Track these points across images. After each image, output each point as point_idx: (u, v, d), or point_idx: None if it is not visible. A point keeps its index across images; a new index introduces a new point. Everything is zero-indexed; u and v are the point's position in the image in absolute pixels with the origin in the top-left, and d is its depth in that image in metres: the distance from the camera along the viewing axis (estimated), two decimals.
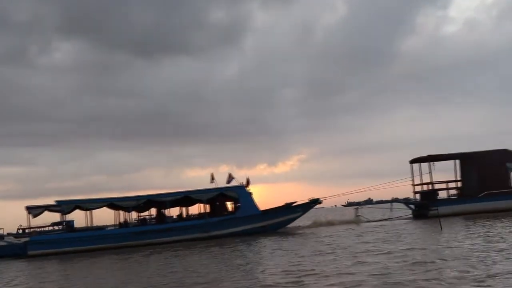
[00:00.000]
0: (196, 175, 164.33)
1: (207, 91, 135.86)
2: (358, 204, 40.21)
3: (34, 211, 23.98)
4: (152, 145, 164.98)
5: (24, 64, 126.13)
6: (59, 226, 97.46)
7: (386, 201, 34.31)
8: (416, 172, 26.06)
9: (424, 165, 26.27)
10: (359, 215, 26.36)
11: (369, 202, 70.30)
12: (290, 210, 24.48)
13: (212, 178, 24.79)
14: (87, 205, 23.32)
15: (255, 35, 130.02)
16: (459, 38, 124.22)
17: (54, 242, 22.49)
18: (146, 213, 27.11)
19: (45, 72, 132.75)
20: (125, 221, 25.34)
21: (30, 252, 21.90)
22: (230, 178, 24.27)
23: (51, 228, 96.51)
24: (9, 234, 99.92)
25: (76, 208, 23.47)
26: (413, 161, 26.72)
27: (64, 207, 23.01)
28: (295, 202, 25.52)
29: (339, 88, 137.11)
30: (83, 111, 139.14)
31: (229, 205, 26.07)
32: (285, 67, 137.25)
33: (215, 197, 24.08)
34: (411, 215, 26.38)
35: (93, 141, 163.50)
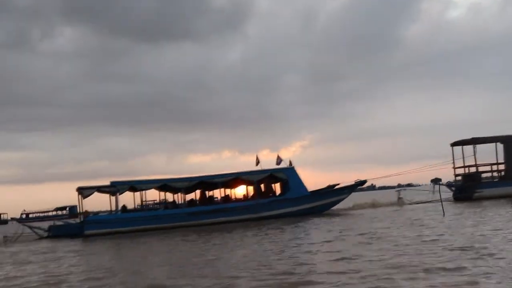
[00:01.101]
0: (199, 161, 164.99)
1: (209, 77, 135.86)
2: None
3: (86, 192, 24.70)
4: (154, 131, 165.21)
5: (26, 49, 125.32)
6: (63, 211, 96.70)
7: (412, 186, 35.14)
8: (457, 156, 26.89)
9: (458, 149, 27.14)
10: (401, 197, 27.28)
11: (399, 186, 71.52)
12: (338, 192, 25.35)
13: (258, 161, 25.59)
14: (141, 185, 24.19)
15: (258, 21, 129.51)
16: (463, 23, 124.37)
17: (110, 222, 23.30)
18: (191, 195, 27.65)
19: (47, 58, 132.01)
20: (173, 202, 26.14)
21: (87, 232, 22.68)
22: (279, 159, 25.06)
23: (54, 213, 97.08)
24: (12, 219, 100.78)
25: (131, 189, 24.24)
26: (454, 144, 27.62)
27: (119, 187, 23.81)
28: (338, 184, 26.34)
29: (342, 75, 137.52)
30: (85, 97, 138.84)
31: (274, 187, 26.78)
32: (288, 53, 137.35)
33: (264, 178, 24.85)
34: (451, 198, 27.28)
35: (95, 126, 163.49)
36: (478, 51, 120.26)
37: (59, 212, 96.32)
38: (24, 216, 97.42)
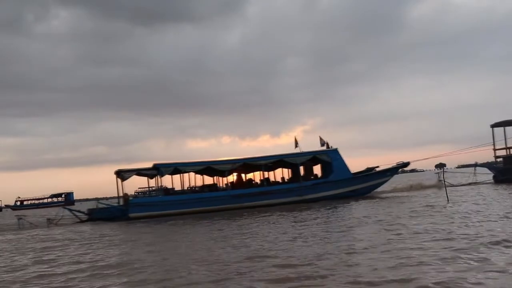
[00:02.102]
0: (198, 146, 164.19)
1: (209, 60, 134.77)
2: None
3: (126, 174, 24.77)
4: (153, 116, 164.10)
5: (20, 32, 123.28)
6: (58, 198, 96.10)
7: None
8: (498, 137, 27.07)
9: (499, 130, 27.30)
10: (441, 180, 27.44)
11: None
12: (380, 174, 25.53)
13: (296, 143, 25.68)
14: (185, 168, 24.34)
15: (259, 3, 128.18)
16: (469, 4, 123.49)
17: (154, 205, 23.43)
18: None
19: (42, 40, 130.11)
20: (214, 185, 26.23)
21: (131, 215, 22.80)
22: (323, 141, 25.15)
23: (50, 200, 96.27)
24: (7, 206, 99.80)
25: (175, 172, 24.34)
26: (495, 125, 27.77)
27: (162, 170, 23.86)
28: (377, 167, 26.50)
29: (344, 57, 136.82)
30: (82, 81, 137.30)
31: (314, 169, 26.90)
32: (289, 35, 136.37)
33: (307, 160, 24.99)
34: (491, 180, 27.55)
35: (92, 111, 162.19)
36: (485, 32, 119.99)
37: (55, 199, 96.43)
38: (18, 203, 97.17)
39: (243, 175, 27.53)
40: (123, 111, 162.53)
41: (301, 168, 26.01)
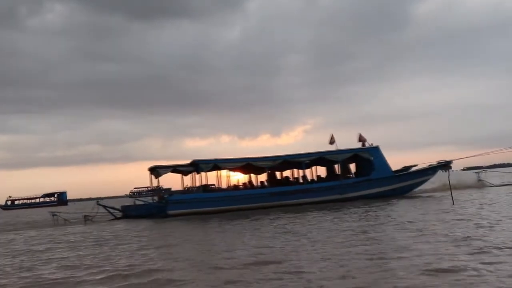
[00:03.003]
0: (196, 145, 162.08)
1: (208, 57, 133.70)
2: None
3: (162, 171, 24.57)
4: (150, 114, 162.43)
5: (13, 26, 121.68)
6: (51, 198, 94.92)
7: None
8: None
9: None
10: (481, 180, 27.35)
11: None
12: (422, 173, 25.37)
13: (333, 140, 25.49)
14: (225, 164, 24.14)
15: None
16: (475, 1, 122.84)
17: (193, 202, 23.21)
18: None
19: (35, 35, 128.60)
20: (250, 183, 26.02)
21: (170, 212, 22.58)
22: (362, 139, 24.98)
23: (42, 199, 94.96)
24: None
25: (214, 168, 24.13)
26: None
27: (202, 166, 23.67)
28: (415, 165, 26.33)
29: (347, 55, 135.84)
30: (77, 77, 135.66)
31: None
32: (290, 32, 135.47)
33: (348, 158, 24.82)
34: None
35: (88, 108, 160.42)
36: (491, 30, 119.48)
37: (47, 199, 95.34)
38: (9, 202, 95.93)
39: (276, 173, 27.22)
40: (119, 108, 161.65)
41: (337, 166, 25.87)
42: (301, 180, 25.76)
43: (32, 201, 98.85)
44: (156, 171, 24.71)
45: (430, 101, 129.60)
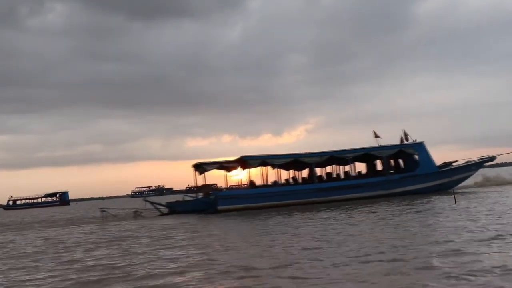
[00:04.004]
0: (197, 145, 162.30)
1: (209, 57, 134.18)
2: None
3: (208, 167, 25.06)
4: (150, 114, 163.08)
5: (13, 26, 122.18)
6: (53, 198, 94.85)
7: None
8: None
9: None
10: None
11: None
12: (466, 168, 25.87)
13: (376, 135, 25.92)
14: (273, 160, 24.66)
15: None
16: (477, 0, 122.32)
17: (242, 198, 23.70)
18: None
19: (36, 35, 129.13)
20: (294, 178, 26.53)
21: (220, 207, 23.06)
22: (407, 135, 25.49)
23: (44, 199, 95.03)
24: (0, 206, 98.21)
25: (262, 164, 24.64)
26: None
27: (251, 162, 24.21)
28: (455, 161, 26.83)
29: (348, 55, 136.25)
30: (77, 77, 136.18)
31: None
32: (291, 31, 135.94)
33: (393, 154, 25.28)
34: None
35: (87, 108, 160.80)
36: (493, 29, 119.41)
37: (49, 199, 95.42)
38: (11, 202, 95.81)
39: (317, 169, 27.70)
40: (120, 108, 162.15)
41: (378, 162, 26.39)
42: (342, 176, 26.30)
43: (34, 201, 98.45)
44: (201, 167, 25.26)
45: (433, 100, 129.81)
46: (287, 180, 26.52)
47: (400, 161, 26.75)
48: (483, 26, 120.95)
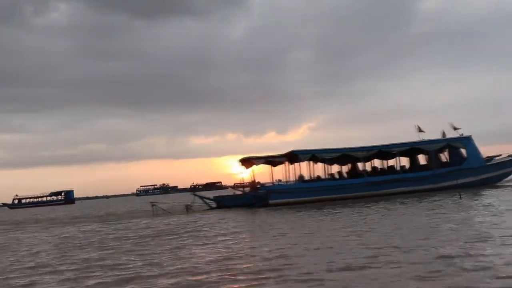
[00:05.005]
0: (201, 143, 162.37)
1: (212, 54, 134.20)
2: None
3: (256, 161, 25.45)
4: (154, 112, 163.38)
5: (19, 24, 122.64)
6: (58, 196, 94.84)
7: None
8: None
9: None
10: None
11: None
12: None
13: (419, 129, 26.24)
14: (323, 155, 25.15)
15: None
16: None
17: (293, 192, 24.14)
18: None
19: (40, 34, 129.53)
20: (339, 173, 26.88)
21: (271, 201, 23.53)
22: (455, 129, 25.81)
23: (49, 198, 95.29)
24: (4, 204, 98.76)
25: (312, 159, 25.05)
26: None
27: (301, 156, 24.68)
28: (499, 155, 27.21)
29: (353, 51, 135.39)
30: (80, 75, 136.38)
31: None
32: (295, 28, 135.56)
33: (441, 148, 25.63)
34: None
35: (90, 107, 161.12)
36: (499, 24, 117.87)
37: (54, 198, 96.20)
38: (16, 201, 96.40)
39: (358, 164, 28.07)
40: (123, 107, 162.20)
41: (419, 156, 26.89)
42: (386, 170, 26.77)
43: (39, 199, 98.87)
44: (249, 162, 25.71)
45: (437, 97, 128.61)
46: (332, 174, 26.90)
47: (442, 155, 27.09)
48: (489, 20, 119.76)
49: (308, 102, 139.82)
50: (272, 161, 26.19)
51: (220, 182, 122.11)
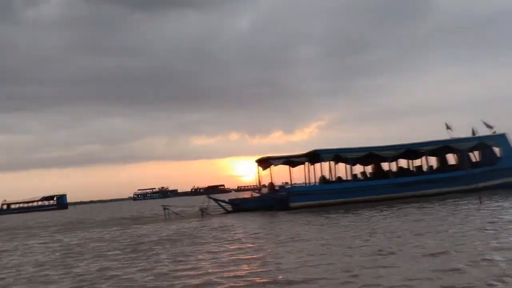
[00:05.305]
0: (203, 144, 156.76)
1: (215, 49, 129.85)
2: None
3: (275, 162, 24.16)
4: (153, 111, 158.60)
5: (8, 18, 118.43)
6: (50, 201, 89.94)
7: None
8: None
9: None
10: None
11: None
12: None
13: (448, 127, 24.73)
14: (347, 154, 23.78)
15: None
16: None
17: (316, 194, 22.74)
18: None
19: (31, 28, 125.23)
20: (363, 173, 25.47)
21: (292, 204, 22.19)
22: (488, 126, 24.27)
23: (41, 203, 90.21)
24: None
25: (335, 158, 23.64)
26: None
27: (323, 156, 23.35)
28: None
29: (364, 45, 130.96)
30: (75, 72, 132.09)
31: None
32: (303, 21, 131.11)
33: (474, 147, 24.12)
34: None
35: (86, 105, 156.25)
36: None
37: (46, 202, 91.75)
38: (5, 206, 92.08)
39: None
40: (121, 105, 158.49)
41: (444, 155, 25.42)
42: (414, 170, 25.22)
43: (30, 204, 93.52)
44: (267, 162, 24.38)
45: (457, 93, 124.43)
46: (355, 175, 25.28)
47: (471, 154, 25.52)
48: (508, 12, 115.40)
49: (318, 99, 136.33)
50: (292, 161, 24.72)
51: (223, 185, 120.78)
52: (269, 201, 23.58)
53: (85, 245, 13.57)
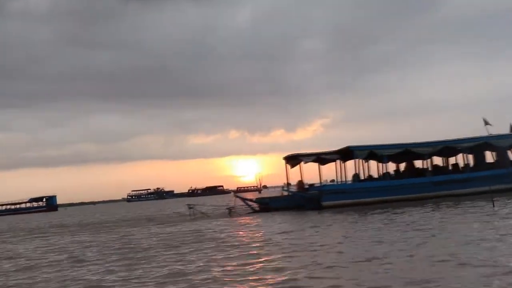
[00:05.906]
0: (201, 142, 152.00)
1: (213, 43, 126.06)
2: None
3: (306, 159, 23.23)
4: (149, 108, 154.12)
5: None
6: (39, 202, 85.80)
7: None
8: None
9: None
10: None
11: None
12: None
13: (486, 123, 23.78)
14: (382, 151, 23.13)
15: None
16: None
17: (349, 192, 21.85)
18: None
19: (18, 20, 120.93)
20: (396, 171, 24.58)
21: (325, 203, 21.35)
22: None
23: (29, 205, 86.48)
24: None
25: (370, 155, 22.86)
26: None
27: (357, 153, 22.57)
28: None
29: (370, 39, 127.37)
30: (67, 67, 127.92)
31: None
32: (306, 13, 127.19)
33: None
34: None
35: (79, 102, 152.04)
36: None
37: (35, 204, 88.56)
38: None
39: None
40: (115, 102, 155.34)
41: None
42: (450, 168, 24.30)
43: (18, 206, 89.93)
44: (296, 159, 23.53)
45: (466, 90, 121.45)
46: (388, 173, 24.30)
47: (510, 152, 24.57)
48: None
49: (321, 96, 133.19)
50: (322, 158, 23.74)
51: (222, 186, 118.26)
52: (300, 200, 22.77)
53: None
